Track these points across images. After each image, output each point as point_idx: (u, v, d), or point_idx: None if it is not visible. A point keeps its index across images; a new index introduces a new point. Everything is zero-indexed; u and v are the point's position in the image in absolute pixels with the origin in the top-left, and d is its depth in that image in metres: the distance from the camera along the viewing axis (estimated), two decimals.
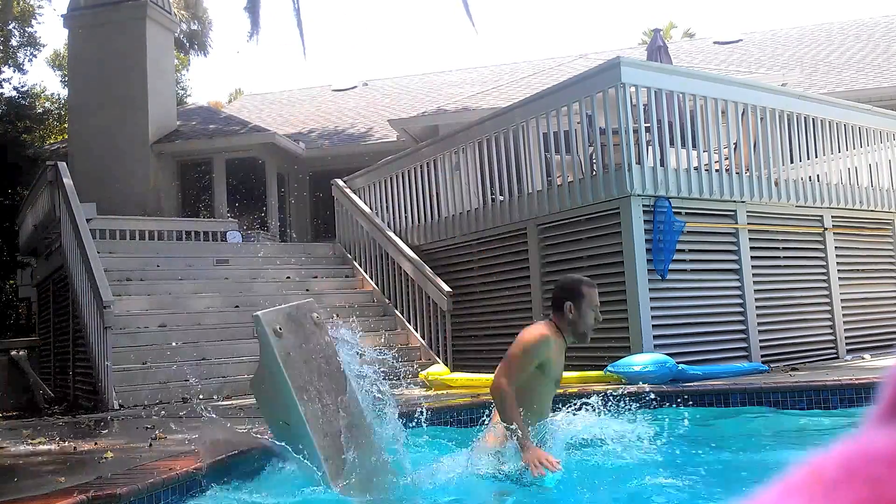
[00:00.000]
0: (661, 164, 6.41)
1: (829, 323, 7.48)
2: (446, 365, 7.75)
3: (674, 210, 6.38)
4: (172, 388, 6.84)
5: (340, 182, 10.43)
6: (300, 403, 3.17)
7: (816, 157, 7.68)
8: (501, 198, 7.71)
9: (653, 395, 4.65)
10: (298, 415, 3.17)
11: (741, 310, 6.77)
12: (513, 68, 19.12)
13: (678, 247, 6.39)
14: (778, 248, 7.23)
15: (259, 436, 3.56)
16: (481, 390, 5.72)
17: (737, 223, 6.86)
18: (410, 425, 3.85)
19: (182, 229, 12.78)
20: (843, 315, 7.56)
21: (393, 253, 8.95)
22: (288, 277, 9.45)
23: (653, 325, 6.16)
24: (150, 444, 3.87)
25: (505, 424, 3.24)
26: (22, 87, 20.90)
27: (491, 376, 3.43)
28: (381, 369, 3.53)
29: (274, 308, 3.45)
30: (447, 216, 8.47)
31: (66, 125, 19.19)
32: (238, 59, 77.58)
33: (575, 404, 3.82)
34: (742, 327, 6.76)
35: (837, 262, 7.61)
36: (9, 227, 16.14)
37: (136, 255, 9.34)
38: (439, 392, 6.09)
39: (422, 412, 3.94)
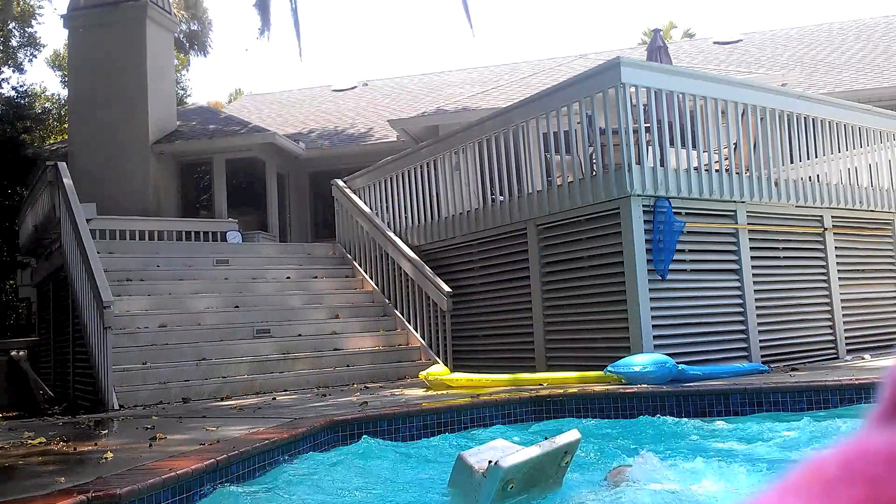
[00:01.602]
0: (661, 165, 6.41)
1: (829, 323, 7.48)
2: (446, 365, 7.75)
3: (674, 210, 6.38)
4: (172, 388, 6.84)
5: (340, 182, 10.43)
6: None
7: (816, 157, 7.68)
8: (501, 198, 7.71)
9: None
10: None
11: (741, 310, 6.77)
12: (513, 68, 19.11)
13: (678, 247, 6.39)
14: (778, 248, 7.23)
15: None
16: (481, 390, 5.72)
17: (737, 223, 6.86)
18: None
19: (182, 229, 12.78)
20: (843, 315, 7.57)
21: (393, 253, 8.95)
22: (288, 278, 9.45)
23: (653, 325, 6.16)
24: (150, 445, 3.87)
25: None
26: (21, 87, 20.92)
27: (491, 376, 3.34)
28: None
29: (525, 453, 2.87)
30: (447, 216, 8.47)
31: (66, 125, 19.18)
32: (238, 59, 77.60)
33: None
34: (742, 327, 6.76)
35: (837, 262, 7.61)
36: (9, 227, 16.15)
37: (135, 255, 9.33)
38: (439, 392, 6.08)
39: None
